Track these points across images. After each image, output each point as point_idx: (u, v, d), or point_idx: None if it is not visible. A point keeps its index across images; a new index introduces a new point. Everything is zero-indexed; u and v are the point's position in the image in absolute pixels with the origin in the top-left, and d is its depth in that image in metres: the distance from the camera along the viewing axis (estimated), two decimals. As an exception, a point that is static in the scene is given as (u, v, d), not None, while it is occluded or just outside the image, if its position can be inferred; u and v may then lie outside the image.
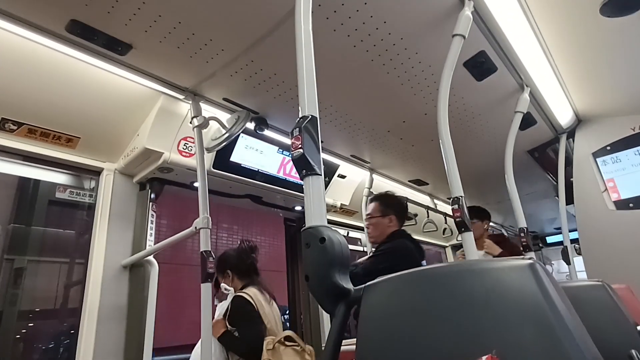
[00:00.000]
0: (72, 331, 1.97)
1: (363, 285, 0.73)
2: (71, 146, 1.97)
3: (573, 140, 2.72)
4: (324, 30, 1.51)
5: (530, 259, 0.58)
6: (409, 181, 3.41)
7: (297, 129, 0.86)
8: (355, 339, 0.69)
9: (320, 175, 0.85)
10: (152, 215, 2.19)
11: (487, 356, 0.50)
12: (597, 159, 2.59)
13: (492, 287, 0.57)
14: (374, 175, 3.12)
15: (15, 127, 1.79)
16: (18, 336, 2.07)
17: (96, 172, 2.13)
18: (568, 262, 2.55)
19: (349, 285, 0.74)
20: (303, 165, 0.84)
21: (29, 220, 2.08)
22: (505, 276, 0.57)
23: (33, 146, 1.89)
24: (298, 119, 0.88)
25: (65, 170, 2.07)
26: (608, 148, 2.55)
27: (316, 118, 0.88)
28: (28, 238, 2.08)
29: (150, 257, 2.07)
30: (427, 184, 3.48)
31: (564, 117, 2.52)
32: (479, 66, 1.83)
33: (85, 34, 1.46)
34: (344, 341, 0.78)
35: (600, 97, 2.40)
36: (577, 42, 1.85)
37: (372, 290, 0.72)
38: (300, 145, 0.84)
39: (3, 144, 1.81)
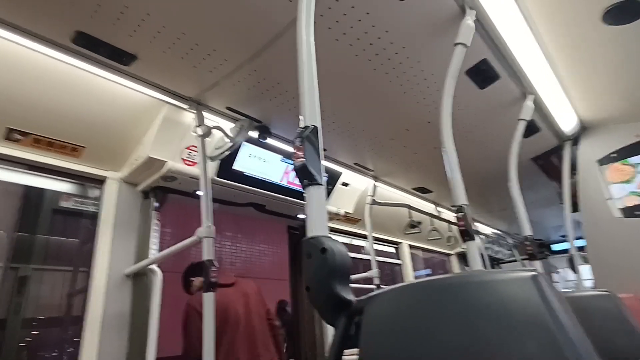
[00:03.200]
0: (75, 339, 1.97)
1: (365, 297, 0.73)
2: (76, 155, 1.99)
3: (578, 148, 2.71)
4: (326, 39, 1.52)
5: (533, 270, 0.57)
6: (413, 189, 3.40)
7: (299, 139, 0.86)
8: (354, 349, 0.68)
9: (322, 185, 0.85)
10: (155, 223, 2.19)
11: (489, 370, 0.49)
12: (602, 166, 2.57)
13: (495, 299, 0.56)
14: (377, 183, 3.12)
15: (21, 137, 1.81)
16: (22, 344, 2.07)
17: (100, 181, 2.14)
18: (574, 271, 2.52)
19: (350, 296, 0.73)
20: (305, 175, 0.85)
21: (34, 228, 2.09)
22: (508, 288, 0.56)
23: (38, 155, 1.90)
24: (300, 129, 0.89)
25: (69, 179, 2.08)
26: (613, 155, 2.53)
27: (317, 128, 0.89)
28: (32, 246, 2.09)
29: (154, 266, 2.07)
30: (431, 191, 3.47)
31: (568, 124, 2.51)
32: (481, 74, 1.83)
33: (90, 45, 1.49)
34: (346, 351, 0.77)
35: (604, 103, 2.39)
36: (580, 49, 1.85)
37: (375, 301, 0.71)
38: (302, 155, 0.84)
39: (9, 154, 1.83)
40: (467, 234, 1.33)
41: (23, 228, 2.07)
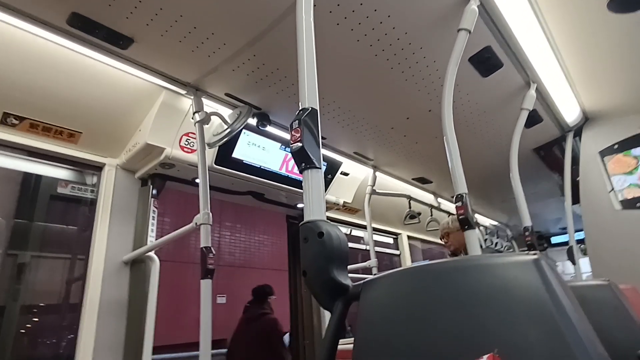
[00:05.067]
0: (74, 326, 1.97)
1: (362, 282, 0.72)
2: (73, 141, 1.97)
3: (580, 139, 2.68)
4: (326, 24, 1.49)
5: (535, 254, 0.56)
6: (413, 179, 3.38)
7: (297, 121, 0.85)
8: (352, 339, 0.67)
9: (320, 168, 0.83)
10: (153, 211, 2.18)
11: (488, 355, 0.48)
12: (604, 158, 2.54)
13: (495, 283, 0.55)
14: (377, 173, 3.10)
15: (17, 122, 1.79)
16: (22, 330, 2.08)
17: (98, 168, 2.13)
18: (574, 262, 2.52)
19: (347, 281, 0.72)
20: (302, 158, 0.83)
21: (31, 215, 2.08)
22: (509, 272, 0.55)
23: (35, 141, 1.89)
24: (298, 111, 0.87)
25: (67, 166, 2.07)
26: (615, 147, 2.51)
27: (316, 110, 0.87)
28: (30, 233, 2.08)
29: (151, 253, 2.07)
30: (431, 182, 3.45)
31: (570, 114, 2.48)
32: (484, 62, 1.80)
33: (86, 27, 1.46)
34: (341, 340, 0.76)
35: (607, 94, 2.36)
36: (585, 38, 1.82)
37: (371, 286, 0.70)
38: (299, 138, 0.83)
39: (5, 139, 1.81)
40: (467, 223, 1.31)
41: (20, 214, 2.06)
